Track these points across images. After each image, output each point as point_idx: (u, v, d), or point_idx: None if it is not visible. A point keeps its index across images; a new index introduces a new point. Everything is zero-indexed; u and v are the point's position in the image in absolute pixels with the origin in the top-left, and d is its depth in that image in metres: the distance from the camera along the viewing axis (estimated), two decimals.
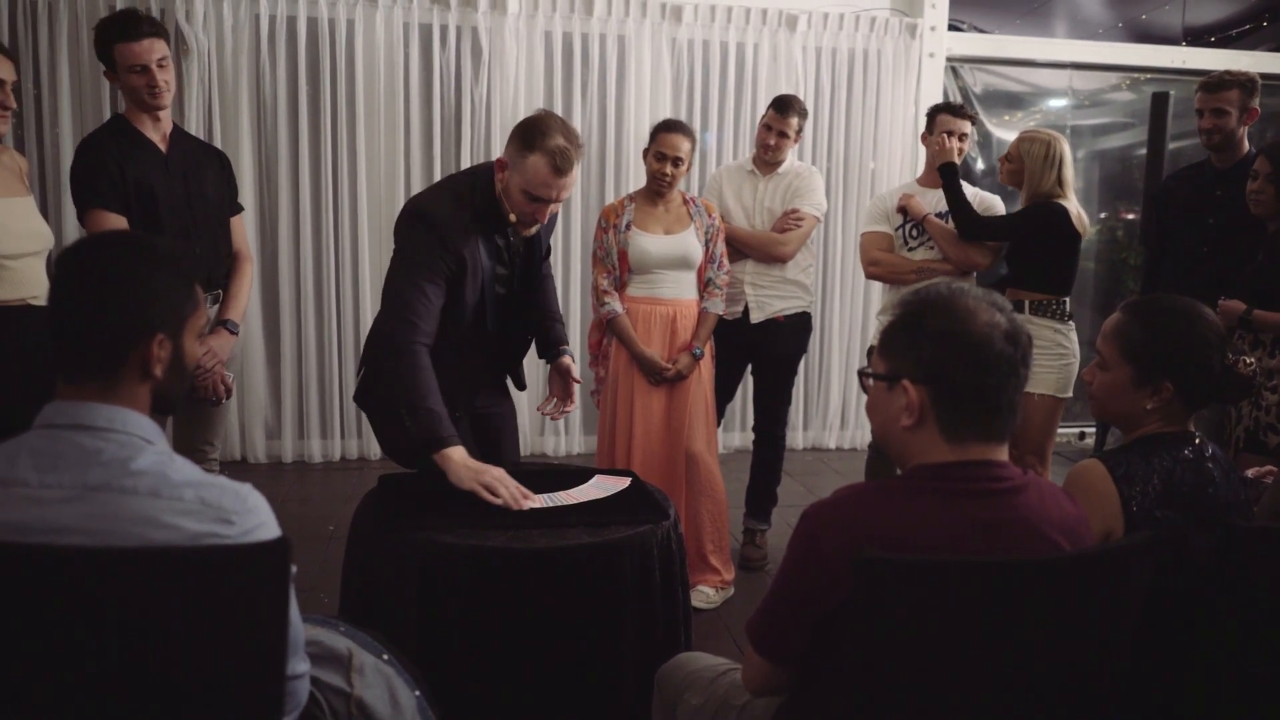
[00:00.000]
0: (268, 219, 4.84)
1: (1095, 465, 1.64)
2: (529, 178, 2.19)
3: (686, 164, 3.25)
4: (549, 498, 2.16)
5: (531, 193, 2.21)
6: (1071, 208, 3.18)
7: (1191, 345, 1.66)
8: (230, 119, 4.67)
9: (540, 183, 2.19)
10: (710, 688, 1.67)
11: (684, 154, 3.21)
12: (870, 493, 1.38)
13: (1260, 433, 2.81)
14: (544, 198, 2.22)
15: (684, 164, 3.23)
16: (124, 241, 1.39)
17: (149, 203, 2.64)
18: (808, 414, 5.53)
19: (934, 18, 5.29)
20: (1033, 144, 3.23)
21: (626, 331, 3.23)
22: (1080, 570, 1.30)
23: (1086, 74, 5.87)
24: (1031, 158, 3.21)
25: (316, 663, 1.47)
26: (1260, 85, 3.27)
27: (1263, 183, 2.96)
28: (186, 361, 1.35)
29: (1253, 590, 1.46)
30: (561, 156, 2.17)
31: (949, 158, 3.38)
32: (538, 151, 2.17)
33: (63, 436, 1.24)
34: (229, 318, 2.80)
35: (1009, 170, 3.34)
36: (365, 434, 5.02)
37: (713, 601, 3.29)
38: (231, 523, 1.23)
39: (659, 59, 5.03)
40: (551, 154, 2.16)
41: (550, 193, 2.21)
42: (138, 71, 2.61)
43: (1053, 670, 1.31)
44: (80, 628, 1.13)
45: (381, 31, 4.76)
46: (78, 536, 1.17)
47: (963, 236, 3.34)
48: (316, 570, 3.34)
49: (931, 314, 1.35)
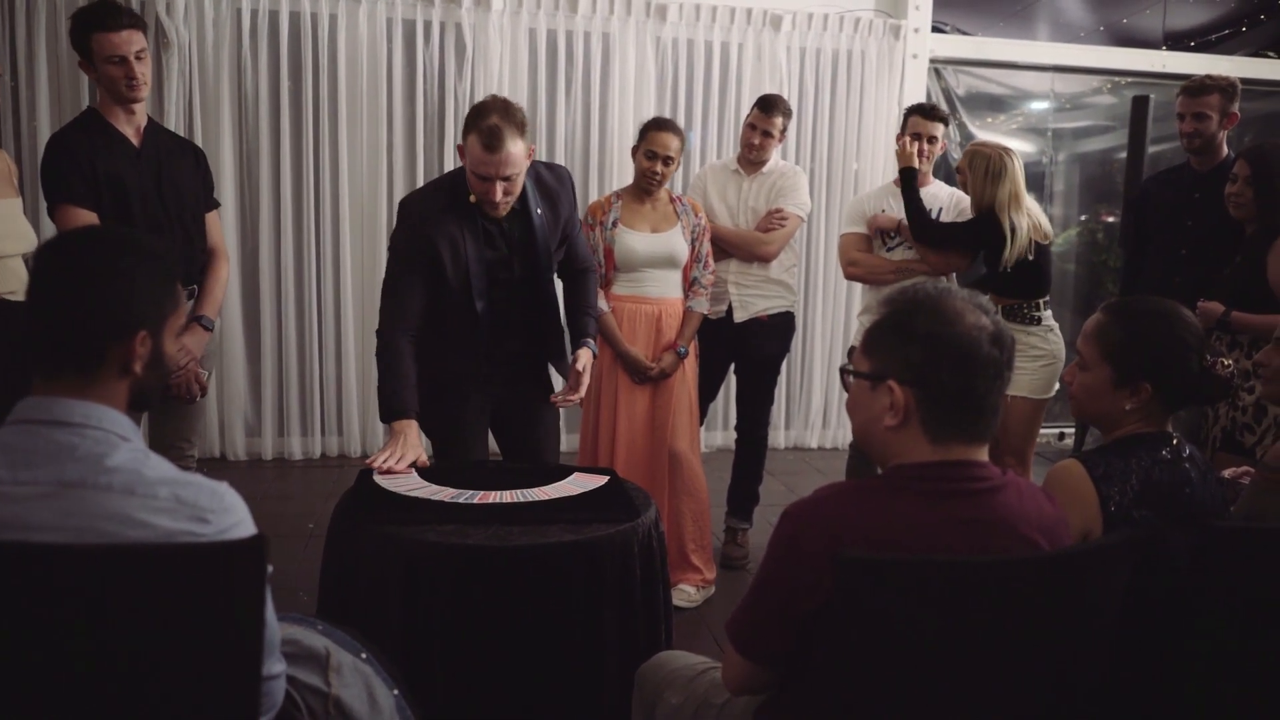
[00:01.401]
0: (248, 215, 4.80)
1: (1074, 465, 1.65)
2: (471, 158, 2.35)
3: (676, 163, 3.25)
4: (524, 493, 2.16)
5: (476, 172, 2.35)
6: (1020, 224, 3.19)
7: (1170, 346, 1.67)
8: (211, 114, 4.62)
9: (478, 160, 2.33)
10: (690, 686, 1.67)
11: (674, 153, 3.21)
12: (851, 492, 1.38)
13: (1237, 433, 2.83)
14: (485, 175, 2.33)
15: (674, 163, 3.23)
16: (107, 237, 1.38)
17: (120, 198, 2.61)
18: (790, 413, 5.54)
19: (917, 19, 5.31)
20: (974, 158, 3.29)
21: (611, 330, 3.22)
22: (1059, 570, 1.30)
23: (1068, 77, 5.91)
24: (975, 172, 3.26)
25: (294, 662, 1.46)
26: (1240, 90, 3.30)
27: (1242, 185, 2.98)
28: (165, 359, 1.34)
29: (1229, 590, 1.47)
30: (490, 134, 2.28)
31: (909, 162, 3.41)
32: (473, 132, 2.32)
33: (37, 432, 1.22)
34: (203, 314, 2.78)
35: (961, 182, 3.41)
36: (346, 431, 5.00)
37: (694, 600, 3.29)
38: (207, 521, 1.22)
39: (643, 57, 5.02)
40: (482, 133, 2.29)
41: (487, 169, 2.32)
42: (115, 63, 2.58)
43: (1032, 669, 1.31)
44: (52, 626, 1.11)
45: (365, 27, 4.73)
46: (51, 533, 1.16)
47: (916, 240, 3.39)
48: (296, 568, 3.32)
49: (920, 315, 1.34)
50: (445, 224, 2.43)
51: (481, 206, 2.43)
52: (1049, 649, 1.31)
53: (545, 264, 2.58)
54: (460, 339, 2.53)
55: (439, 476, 2.25)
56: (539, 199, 2.55)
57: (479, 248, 2.46)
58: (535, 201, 2.53)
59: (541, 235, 2.54)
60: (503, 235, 2.51)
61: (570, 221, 2.67)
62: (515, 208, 2.48)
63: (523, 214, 2.51)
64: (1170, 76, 5.54)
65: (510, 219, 2.50)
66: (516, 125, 2.33)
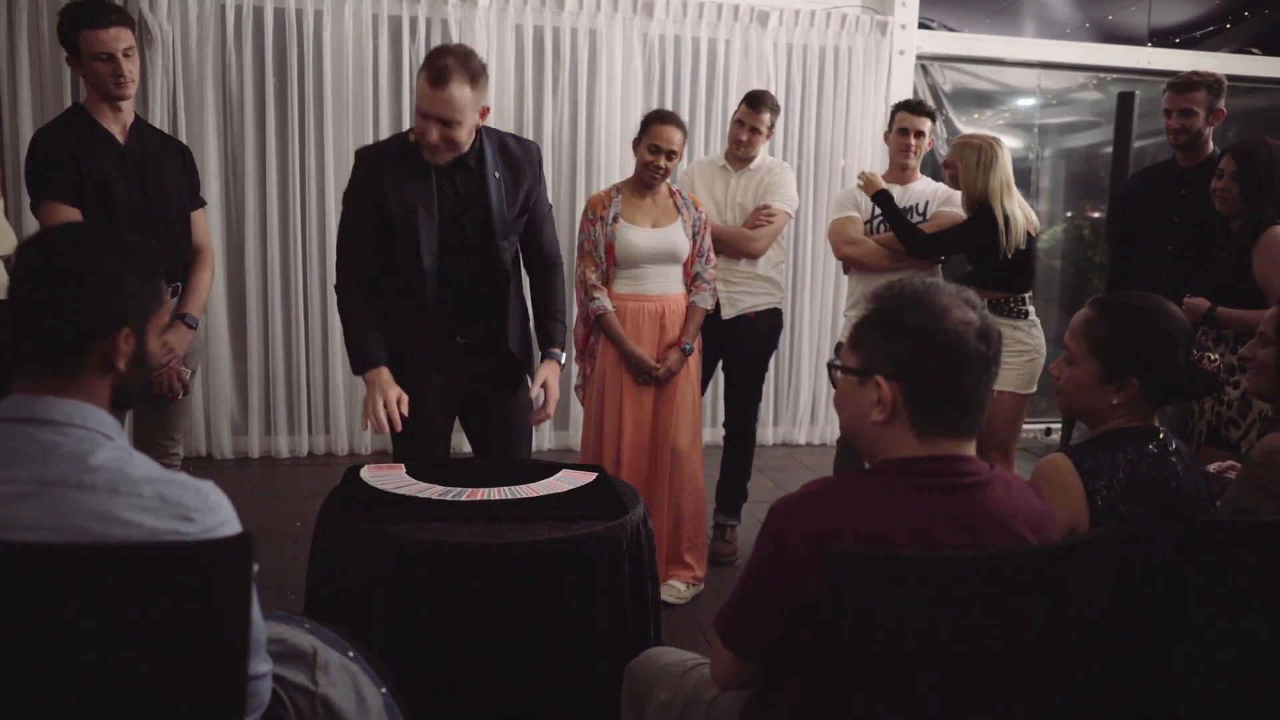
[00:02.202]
0: (234, 212, 4.77)
1: (1061, 459, 1.66)
2: (417, 94, 2.35)
3: (679, 157, 3.23)
4: (512, 490, 2.15)
5: (419, 108, 2.34)
6: (1014, 212, 3.21)
7: (1157, 342, 1.68)
8: (195, 111, 4.60)
9: (421, 95, 2.32)
10: (679, 682, 1.67)
11: (677, 146, 3.19)
12: (839, 487, 1.38)
13: (1222, 427, 2.85)
14: (425, 111, 2.32)
15: (676, 157, 3.21)
16: (90, 233, 1.36)
17: (105, 195, 2.60)
18: (778, 409, 5.54)
19: (904, 16, 5.32)
20: (964, 149, 3.29)
21: (616, 330, 3.18)
22: (1045, 564, 1.31)
23: (1054, 73, 5.93)
24: (965, 163, 3.27)
25: (281, 661, 1.45)
26: (1226, 86, 3.32)
27: (1228, 180, 3.00)
28: (149, 356, 1.33)
29: (1215, 584, 1.48)
30: (438, 71, 2.27)
31: (878, 187, 3.42)
32: (424, 68, 2.32)
33: (18, 431, 1.21)
34: (187, 312, 2.77)
35: (949, 176, 3.41)
36: (333, 429, 4.98)
37: (683, 597, 3.29)
38: (192, 520, 1.21)
39: (630, 54, 5.01)
40: (430, 68, 2.29)
41: (427, 105, 2.30)
42: (103, 60, 2.56)
43: (1019, 664, 1.31)
44: (35, 625, 1.10)
45: (350, 23, 4.70)
46: (33, 532, 1.15)
47: (913, 255, 3.39)
48: (283, 567, 3.30)
49: (907, 310, 1.34)
50: (395, 172, 2.43)
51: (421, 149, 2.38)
52: (1036, 643, 1.31)
53: (499, 230, 2.50)
54: (413, 308, 2.48)
55: (427, 474, 2.24)
56: (499, 163, 2.50)
57: (429, 201, 2.43)
58: (494, 165, 2.48)
59: (497, 198, 2.48)
60: (456, 196, 2.46)
61: (536, 197, 2.59)
62: (470, 166, 2.45)
63: (478, 174, 2.47)
64: (1155, 73, 5.57)
65: (465, 178, 2.46)
66: (469, 73, 2.29)
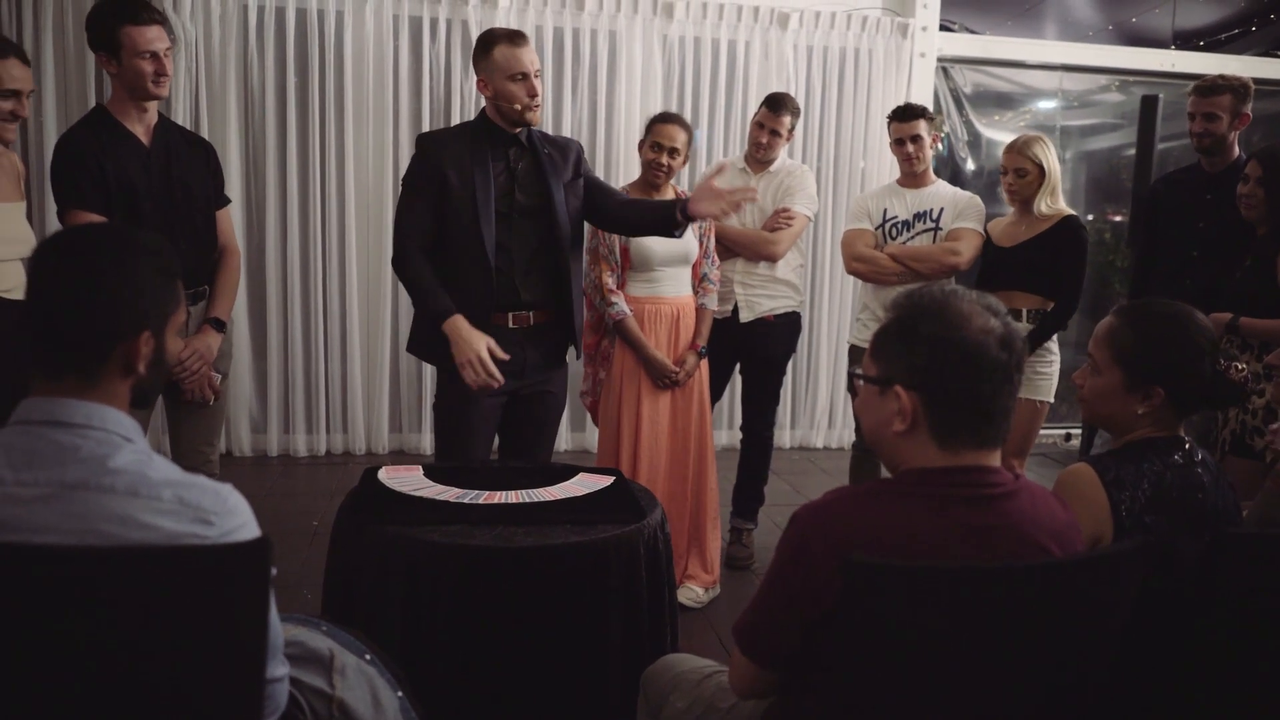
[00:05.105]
0: (255, 211, 4.80)
1: (1085, 470, 1.64)
2: (503, 66, 2.54)
3: (684, 156, 3.23)
4: (529, 494, 2.15)
5: (511, 73, 2.54)
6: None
7: (1183, 351, 1.66)
8: (217, 110, 4.62)
9: (512, 59, 2.53)
10: (696, 690, 1.66)
11: (680, 145, 3.19)
12: (861, 496, 1.36)
13: (1247, 436, 2.81)
14: (523, 71, 2.54)
15: (680, 155, 3.21)
16: (107, 235, 1.36)
17: (130, 198, 2.59)
18: (795, 413, 5.52)
19: (925, 18, 5.29)
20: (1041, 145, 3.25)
21: (635, 334, 3.17)
22: (1069, 576, 1.29)
23: (1076, 75, 5.88)
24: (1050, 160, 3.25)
25: (298, 664, 1.45)
26: (1253, 91, 3.27)
27: (1254, 186, 2.96)
28: (168, 358, 1.33)
29: (1241, 596, 1.46)
30: (512, 32, 2.57)
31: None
32: (496, 44, 2.55)
33: (39, 433, 1.22)
34: (215, 315, 2.71)
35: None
36: (350, 429, 5.00)
37: (700, 601, 3.27)
38: (211, 523, 1.21)
39: (650, 55, 5.01)
40: (504, 36, 2.56)
41: (523, 63, 2.53)
42: (147, 58, 2.53)
43: (1040, 675, 1.30)
44: (55, 628, 1.10)
45: (371, 24, 4.72)
46: (54, 535, 1.15)
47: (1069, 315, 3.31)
48: (300, 566, 3.32)
49: (925, 319, 1.33)
50: (455, 151, 2.59)
51: (522, 115, 2.56)
52: (1058, 655, 1.29)
53: (555, 195, 2.65)
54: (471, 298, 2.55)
55: (444, 476, 2.24)
56: (544, 143, 2.71)
57: (485, 175, 2.57)
58: (541, 144, 2.69)
59: (549, 166, 2.66)
60: (508, 171, 2.63)
61: (584, 165, 2.80)
62: (521, 141, 2.65)
63: (530, 149, 2.66)
64: (1179, 76, 5.52)
65: (518, 153, 2.65)
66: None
